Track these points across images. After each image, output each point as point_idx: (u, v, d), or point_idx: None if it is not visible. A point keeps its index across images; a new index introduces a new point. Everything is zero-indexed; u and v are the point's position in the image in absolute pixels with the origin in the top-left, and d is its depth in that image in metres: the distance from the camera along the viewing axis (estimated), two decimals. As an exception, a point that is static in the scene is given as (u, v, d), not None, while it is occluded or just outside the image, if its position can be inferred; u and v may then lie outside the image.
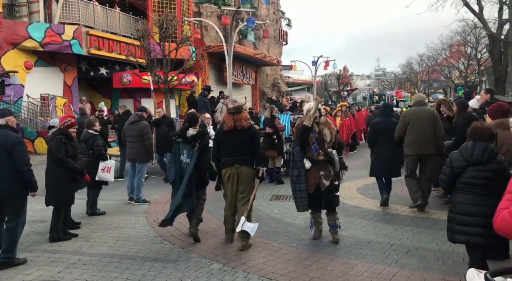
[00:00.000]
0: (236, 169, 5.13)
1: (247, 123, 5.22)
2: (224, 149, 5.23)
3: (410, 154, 6.49)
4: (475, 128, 3.67)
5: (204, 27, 21.59)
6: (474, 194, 3.53)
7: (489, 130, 3.64)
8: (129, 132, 7.87)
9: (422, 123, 6.38)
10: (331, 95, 39.11)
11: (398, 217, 6.30)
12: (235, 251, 4.94)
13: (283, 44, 32.75)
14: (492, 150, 3.54)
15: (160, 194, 8.40)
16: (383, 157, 6.75)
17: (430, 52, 36.12)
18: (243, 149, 5.13)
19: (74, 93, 16.29)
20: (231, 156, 5.15)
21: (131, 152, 7.81)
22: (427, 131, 6.35)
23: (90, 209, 6.93)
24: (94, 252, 5.07)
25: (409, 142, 6.44)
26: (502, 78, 15.60)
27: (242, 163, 5.14)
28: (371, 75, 69.20)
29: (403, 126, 6.51)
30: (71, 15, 15.55)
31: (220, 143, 5.28)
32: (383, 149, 6.78)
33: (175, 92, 19.02)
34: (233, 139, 5.16)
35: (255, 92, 28.34)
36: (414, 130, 6.39)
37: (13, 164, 4.59)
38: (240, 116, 5.18)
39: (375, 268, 4.34)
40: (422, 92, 40.36)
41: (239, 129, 5.12)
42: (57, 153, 5.47)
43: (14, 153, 4.59)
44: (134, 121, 7.91)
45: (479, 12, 15.52)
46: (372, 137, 7.14)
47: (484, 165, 3.50)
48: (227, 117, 5.26)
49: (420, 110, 6.57)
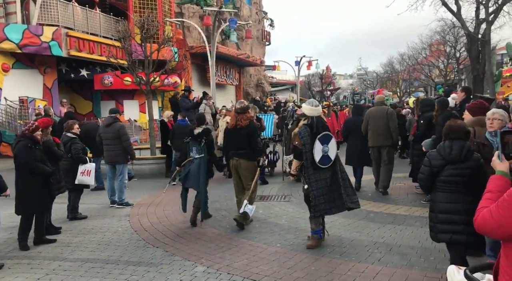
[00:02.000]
0: (236, 162, 6.04)
1: (246, 122, 5.97)
2: (229, 144, 6.19)
3: (371, 146, 7.74)
4: (450, 127, 3.71)
5: (186, 27, 21.48)
6: (453, 192, 3.58)
7: (463, 128, 3.69)
8: (105, 135, 7.70)
9: (378, 120, 7.57)
10: (315, 94, 39.30)
11: (381, 215, 6.36)
12: (220, 253, 4.91)
13: (266, 44, 32.83)
14: (469, 148, 3.59)
15: (143, 197, 8.32)
16: (355, 150, 7.99)
17: (411, 51, 36.65)
18: (242, 144, 5.96)
19: (54, 96, 16.00)
20: (233, 150, 6.07)
21: (109, 154, 7.68)
22: (382, 126, 7.54)
23: (71, 214, 6.81)
24: (75, 258, 4.98)
25: (370, 136, 7.68)
26: (480, 76, 15.89)
27: (241, 157, 5.99)
28: (353, 75, 69.88)
29: (365, 123, 7.75)
30: (49, 16, 15.26)
31: (226, 139, 6.28)
32: (355, 143, 8.02)
33: (158, 93, 18.86)
34: (235, 135, 6.03)
35: (239, 93, 28.32)
36: (372, 125, 7.63)
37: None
38: (242, 116, 6.02)
39: (358, 267, 4.36)
40: (403, 91, 40.96)
41: (239, 127, 5.95)
42: (23, 159, 5.22)
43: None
44: (109, 123, 7.72)
45: (457, 12, 15.80)
46: (345, 133, 8.52)
47: (462, 163, 3.55)
48: (232, 116, 6.22)
49: (377, 109, 7.84)
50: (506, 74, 22.15)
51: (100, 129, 8.00)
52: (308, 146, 4.92)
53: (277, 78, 44.43)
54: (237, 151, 6.01)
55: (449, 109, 6.80)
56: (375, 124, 7.61)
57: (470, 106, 5.08)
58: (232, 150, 6.11)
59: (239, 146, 5.99)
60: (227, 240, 5.40)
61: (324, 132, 5.01)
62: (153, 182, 9.98)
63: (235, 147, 6.03)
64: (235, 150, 6.03)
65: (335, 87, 45.64)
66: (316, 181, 4.97)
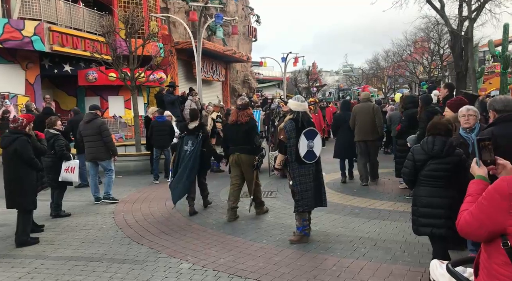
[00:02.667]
0: (237, 156, 6.15)
1: (247, 119, 6.14)
2: (229, 139, 6.32)
3: (357, 140, 8.20)
4: (433, 123, 3.82)
5: (172, 23, 21.29)
6: (435, 186, 3.65)
7: (445, 125, 3.76)
8: (86, 132, 7.55)
9: (364, 116, 8.05)
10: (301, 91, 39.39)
11: (366, 210, 6.42)
12: (205, 250, 4.90)
13: (253, 40, 32.78)
14: (451, 144, 3.67)
15: (128, 194, 8.24)
16: (343, 143, 8.52)
17: (396, 48, 36.91)
18: (242, 139, 6.09)
19: (37, 91, 15.68)
20: (234, 145, 6.19)
21: (91, 151, 7.54)
22: (368, 121, 8.04)
23: (55, 211, 6.71)
24: (58, 256, 4.91)
25: (357, 131, 8.16)
26: (463, 73, 16.10)
27: (241, 152, 6.12)
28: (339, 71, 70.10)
29: (352, 118, 8.26)
30: (31, 10, 14.93)
31: (226, 134, 6.47)
32: (343, 136, 8.56)
33: (144, 89, 18.67)
34: (235, 131, 6.16)
35: (225, 89, 28.23)
36: (359, 121, 8.11)
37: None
38: (243, 112, 6.18)
39: (343, 262, 4.40)
40: (388, 88, 41.32)
41: (239, 123, 6.10)
42: (29, 154, 5.34)
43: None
44: (90, 119, 7.58)
45: (441, 9, 15.95)
46: (334, 127, 9.20)
47: (444, 158, 3.62)
48: (233, 112, 6.37)
49: (363, 105, 8.31)
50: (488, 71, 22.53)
51: (80, 126, 7.75)
52: (293, 141, 4.94)
53: (264, 74, 44.44)
54: (237, 146, 6.14)
55: (432, 105, 6.89)
56: (361, 120, 8.08)
57: (450, 103, 5.17)
58: (232, 145, 6.22)
59: (239, 142, 6.12)
60: (213, 237, 5.38)
61: (309, 127, 5.04)
62: (138, 179, 9.89)
63: (236, 142, 6.16)
64: (236, 146, 6.15)
65: (321, 83, 45.82)
66: (300, 176, 5.00)
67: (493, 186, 1.69)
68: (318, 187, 5.19)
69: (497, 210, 1.63)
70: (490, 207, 1.66)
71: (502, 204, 1.62)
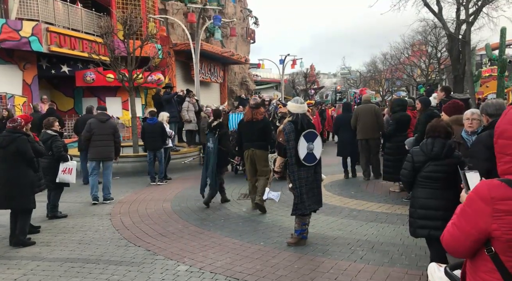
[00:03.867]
0: (252, 152, 6.62)
1: (261, 116, 6.73)
2: (244, 136, 6.77)
3: (360, 138, 8.82)
4: (432, 126, 3.82)
5: (170, 24, 21.28)
6: (433, 188, 3.66)
7: (444, 128, 3.77)
8: (100, 131, 7.74)
9: (366, 116, 8.66)
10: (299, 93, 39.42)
11: (364, 213, 6.41)
12: (203, 252, 4.88)
13: (251, 42, 32.79)
14: (450, 146, 3.68)
15: (125, 195, 8.22)
16: (346, 142, 9.22)
17: (393, 51, 37.00)
18: (257, 136, 6.55)
19: (34, 92, 15.62)
20: (249, 141, 6.65)
21: (101, 150, 7.72)
22: (370, 121, 8.65)
23: (51, 212, 6.68)
24: (55, 257, 4.88)
25: (359, 130, 8.78)
26: (460, 76, 16.17)
27: (256, 147, 6.58)
28: (337, 74, 70.25)
29: (355, 118, 8.86)
30: (29, 10, 14.88)
31: (241, 131, 6.90)
32: (345, 136, 9.24)
33: (141, 90, 18.64)
34: (251, 128, 6.64)
35: (223, 90, 28.21)
36: (361, 121, 8.72)
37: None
38: (257, 111, 6.74)
39: (341, 265, 4.39)
40: (386, 90, 41.43)
41: (254, 120, 6.63)
42: (31, 154, 5.39)
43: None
44: (106, 119, 7.89)
45: (438, 12, 16.02)
46: (335, 127, 9.94)
47: (443, 159, 3.63)
48: (248, 110, 6.90)
49: (365, 107, 8.92)
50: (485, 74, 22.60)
51: (92, 124, 7.83)
52: (293, 143, 4.91)
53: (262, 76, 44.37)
54: (252, 142, 6.61)
55: (431, 107, 6.92)
56: (364, 120, 8.71)
57: (445, 107, 5.22)
58: (247, 142, 6.69)
59: (254, 138, 6.60)
60: (210, 239, 5.36)
61: (309, 129, 5.02)
62: (135, 180, 9.87)
63: (250, 138, 6.63)
64: (251, 142, 6.63)
65: (319, 85, 45.89)
66: (299, 179, 4.97)
67: (474, 191, 1.66)
68: (317, 190, 5.17)
69: (480, 215, 1.60)
70: (473, 213, 1.63)
71: (485, 209, 1.59)
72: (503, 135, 1.63)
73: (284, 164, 5.15)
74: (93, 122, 7.90)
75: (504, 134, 1.63)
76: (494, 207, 1.56)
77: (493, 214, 1.56)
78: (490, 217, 1.56)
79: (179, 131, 13.66)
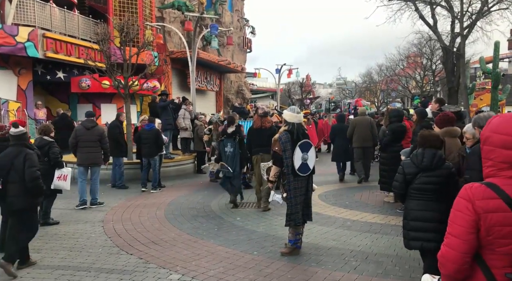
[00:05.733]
0: (261, 157, 7.35)
1: (270, 124, 7.60)
2: (254, 142, 7.54)
3: (356, 146, 9.80)
4: (424, 136, 3.81)
5: (167, 32, 21.33)
6: (426, 199, 3.64)
7: (437, 137, 3.78)
8: (87, 137, 7.93)
9: (362, 127, 9.73)
10: (294, 102, 39.51)
11: (357, 223, 6.40)
12: (195, 261, 4.83)
13: (247, 51, 32.92)
14: (440, 156, 3.67)
15: (118, 202, 8.15)
16: (340, 149, 10.22)
17: (389, 63, 37.32)
18: (266, 142, 6.87)
19: (29, 98, 15.54)
20: (258, 147, 7.42)
21: (89, 156, 7.91)
22: (366, 131, 9.73)
23: (43, 219, 6.59)
24: (45, 265, 4.81)
25: (355, 139, 9.76)
26: (454, 88, 16.30)
27: (264, 152, 7.20)
28: (333, 84, 70.64)
29: (351, 128, 9.86)
30: (26, 16, 14.87)
31: (251, 137, 7.70)
32: (340, 144, 10.22)
33: (137, 97, 18.61)
34: (260, 134, 7.39)
35: (219, 99, 28.25)
36: (358, 131, 9.72)
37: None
38: (265, 119, 7.67)
39: (334, 275, 4.36)
40: (381, 101, 41.64)
41: (263, 128, 7.44)
42: None
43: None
44: (92, 126, 8.03)
45: (433, 25, 16.20)
46: (331, 136, 10.94)
47: (433, 171, 3.63)
48: (257, 119, 7.75)
49: (361, 118, 10.05)
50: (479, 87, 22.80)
51: (78, 131, 8.08)
52: (289, 152, 4.90)
53: (258, 85, 44.55)
54: (261, 148, 7.30)
55: (427, 119, 6.96)
56: (360, 130, 9.72)
57: (436, 119, 5.25)
58: (256, 147, 7.44)
59: (263, 144, 7.16)
60: (204, 247, 5.32)
61: (304, 139, 5.02)
62: (128, 187, 9.79)
63: (260, 144, 7.34)
64: (260, 147, 7.34)
65: (314, 95, 46.06)
66: (294, 189, 4.96)
67: (459, 195, 1.80)
68: (307, 201, 5.17)
69: (466, 212, 1.72)
70: (461, 212, 1.75)
71: (468, 205, 1.73)
72: (487, 141, 1.78)
73: (279, 174, 5.14)
74: (78, 129, 8.20)
75: (488, 141, 1.78)
76: (475, 204, 1.69)
77: (475, 210, 1.70)
78: (475, 214, 1.69)
79: (174, 139, 13.61)
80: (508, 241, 1.64)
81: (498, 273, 1.66)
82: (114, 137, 9.93)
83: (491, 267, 1.69)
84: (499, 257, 1.67)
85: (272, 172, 5.19)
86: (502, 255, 1.66)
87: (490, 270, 1.68)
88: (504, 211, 1.64)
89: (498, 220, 1.65)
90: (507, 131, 1.71)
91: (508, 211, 1.64)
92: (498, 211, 1.65)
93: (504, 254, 1.65)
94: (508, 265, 1.65)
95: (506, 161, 1.70)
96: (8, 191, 4.56)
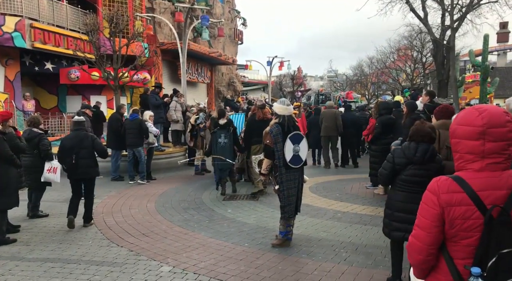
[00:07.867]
0: (260, 146, 7.59)
1: (270, 116, 7.66)
2: (255, 132, 7.77)
3: (322, 135, 11.14)
4: (416, 130, 3.78)
5: (158, 23, 21.12)
6: (412, 192, 3.63)
7: (429, 133, 3.76)
8: None
9: (329, 119, 11.01)
10: (286, 95, 39.52)
11: (348, 215, 6.45)
12: (186, 253, 4.84)
13: (239, 43, 32.77)
14: (433, 151, 3.67)
15: (108, 195, 8.11)
16: (315, 138, 11.37)
17: (379, 55, 37.49)
18: None
19: (16, 89, 15.31)
20: (257, 137, 7.59)
21: None
22: (331, 122, 10.96)
23: (32, 211, 6.55)
24: (34, 257, 4.78)
25: (323, 129, 11.11)
26: (444, 81, 16.43)
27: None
28: (324, 77, 70.71)
29: (320, 120, 11.20)
30: (12, 6, 14.59)
31: (251, 128, 8.05)
32: (315, 134, 11.41)
33: (127, 89, 18.44)
34: (261, 125, 7.25)
35: (210, 91, 28.11)
36: (324, 122, 11.09)
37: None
38: (265, 110, 7.95)
39: (325, 266, 4.40)
40: (371, 94, 41.83)
41: (265, 119, 7.62)
42: (6, 153, 5.24)
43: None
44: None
45: (424, 18, 16.26)
46: (308, 127, 12.16)
47: (424, 164, 3.63)
48: (257, 111, 8.00)
49: (329, 111, 11.33)
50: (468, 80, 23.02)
51: None
52: (280, 145, 4.90)
53: (249, 77, 44.45)
54: (260, 138, 7.13)
55: (417, 111, 6.98)
56: (326, 121, 11.01)
57: (436, 110, 5.25)
58: (257, 138, 7.54)
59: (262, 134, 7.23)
60: (194, 240, 5.32)
61: (294, 131, 5.02)
62: (118, 180, 9.73)
63: (259, 135, 7.17)
64: (259, 137, 7.31)
65: (306, 88, 46.11)
66: (287, 181, 4.97)
67: (427, 188, 1.84)
68: (300, 191, 5.18)
69: (432, 205, 1.76)
70: (427, 205, 1.79)
71: (433, 198, 1.77)
72: (454, 134, 1.83)
73: (270, 167, 5.14)
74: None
75: (454, 133, 1.82)
76: (440, 198, 1.73)
77: (440, 203, 1.73)
78: (439, 207, 1.73)
79: (165, 131, 13.54)
80: (470, 234, 1.68)
81: (460, 264, 1.71)
82: (115, 130, 9.77)
83: (454, 258, 1.73)
84: (461, 249, 1.71)
85: (264, 165, 5.19)
86: (464, 247, 1.70)
87: (453, 261, 1.73)
88: (467, 204, 1.68)
89: (461, 213, 1.68)
90: (469, 122, 1.74)
91: (471, 205, 1.67)
92: (461, 205, 1.69)
93: (465, 246, 1.70)
94: (468, 257, 1.69)
95: (471, 151, 1.73)
96: None
